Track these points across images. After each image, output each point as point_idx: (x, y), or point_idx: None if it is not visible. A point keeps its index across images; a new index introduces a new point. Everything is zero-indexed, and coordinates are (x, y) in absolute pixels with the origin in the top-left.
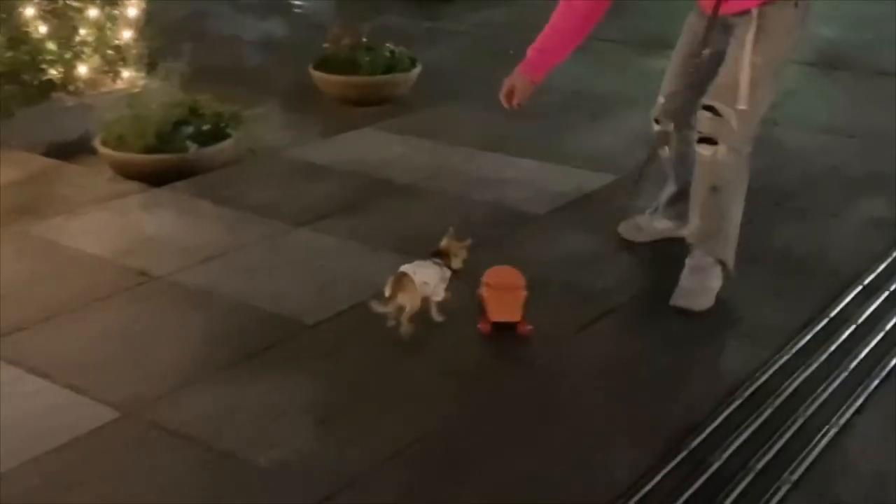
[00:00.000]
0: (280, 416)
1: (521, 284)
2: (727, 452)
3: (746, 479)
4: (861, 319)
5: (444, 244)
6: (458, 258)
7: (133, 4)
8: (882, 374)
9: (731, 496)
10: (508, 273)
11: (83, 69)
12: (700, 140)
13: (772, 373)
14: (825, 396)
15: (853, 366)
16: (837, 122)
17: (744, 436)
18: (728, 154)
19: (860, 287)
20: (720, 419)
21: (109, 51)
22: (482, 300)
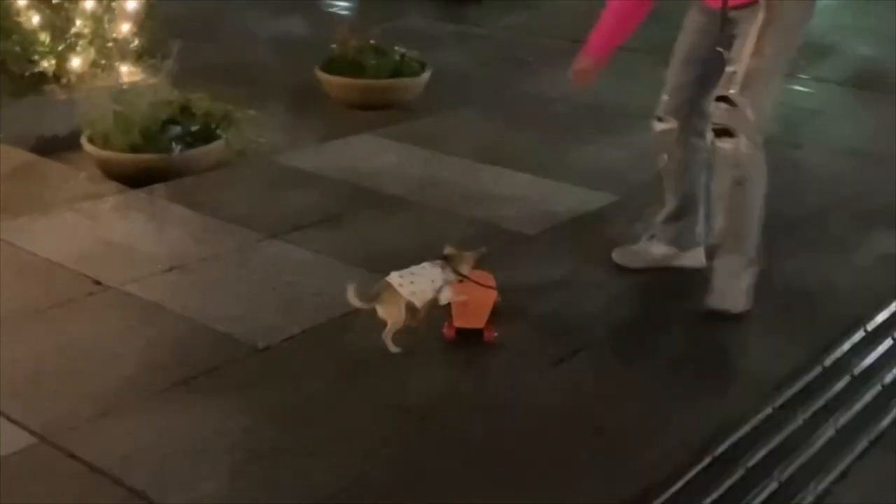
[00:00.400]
0: (202, 453)
1: (489, 290)
2: None
3: None
4: (858, 370)
5: (450, 251)
6: (467, 265)
7: None
8: (873, 435)
9: None
10: (477, 277)
11: (76, 62)
12: (718, 134)
13: (750, 428)
14: (806, 458)
15: (842, 423)
16: (864, 147)
17: (706, 503)
18: (749, 146)
19: (862, 333)
20: (683, 482)
21: (108, 44)
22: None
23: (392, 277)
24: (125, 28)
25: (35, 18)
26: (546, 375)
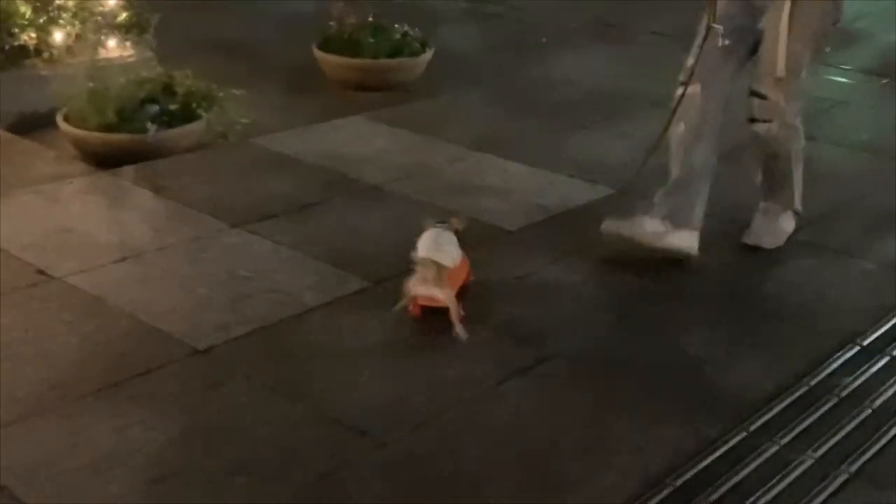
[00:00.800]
0: (115, 469)
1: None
2: None
3: None
4: (846, 391)
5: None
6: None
7: None
8: (854, 468)
9: None
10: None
11: (59, 36)
12: (752, 120)
13: (718, 455)
14: (777, 491)
15: (821, 453)
16: (883, 142)
17: None
18: (780, 129)
19: (856, 348)
20: None
21: (93, 17)
22: None
23: (433, 254)
24: (111, 1)
25: None
26: (502, 388)
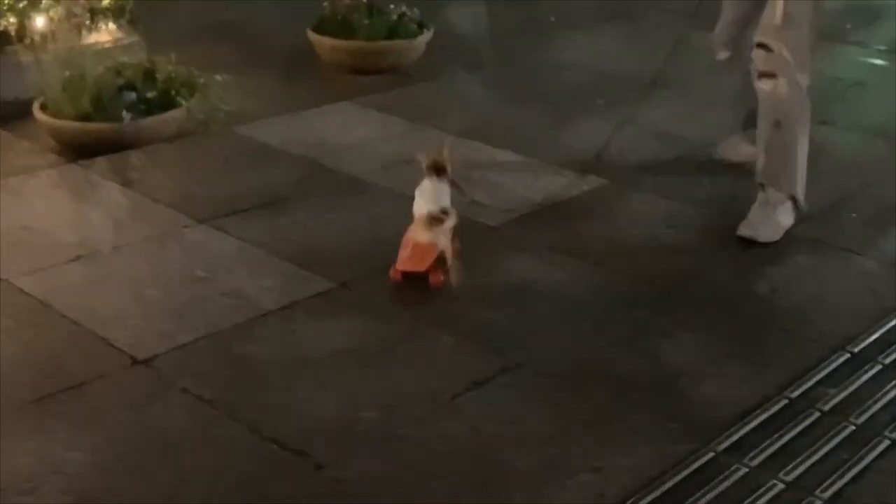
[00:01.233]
0: (19, 497)
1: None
2: None
3: None
4: (829, 405)
5: (428, 162)
6: (448, 163)
7: None
8: (829, 493)
9: None
10: None
11: (40, 21)
12: (759, 76)
13: (681, 479)
14: None
15: (793, 477)
16: None
17: None
18: (787, 87)
19: (846, 356)
20: None
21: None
22: None
23: (431, 205)
24: None
25: None
26: (458, 402)
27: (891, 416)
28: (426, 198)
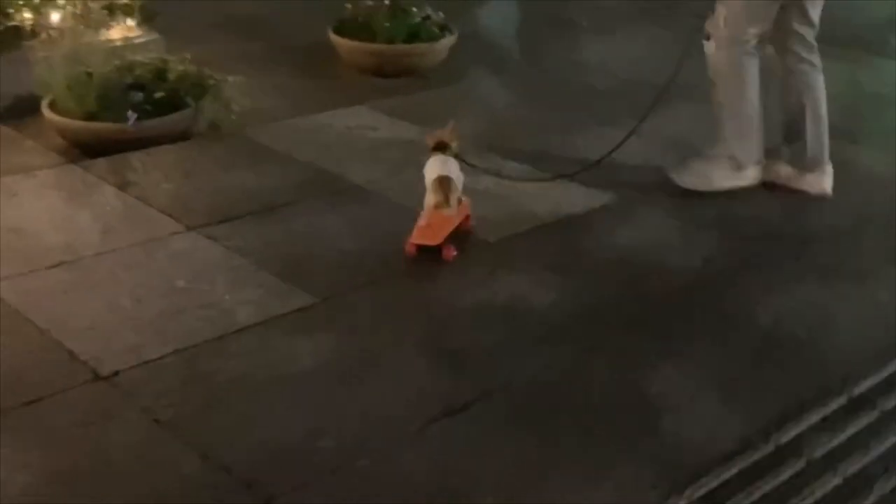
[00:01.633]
0: None
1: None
2: None
3: None
4: (817, 454)
5: (436, 142)
6: (455, 143)
7: None
8: None
9: None
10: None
11: (56, 17)
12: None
13: None
14: None
15: None
16: None
17: None
18: (716, 49)
19: (843, 399)
20: None
21: None
22: None
23: (443, 171)
24: None
25: None
26: (427, 432)
27: (882, 469)
28: (436, 167)
